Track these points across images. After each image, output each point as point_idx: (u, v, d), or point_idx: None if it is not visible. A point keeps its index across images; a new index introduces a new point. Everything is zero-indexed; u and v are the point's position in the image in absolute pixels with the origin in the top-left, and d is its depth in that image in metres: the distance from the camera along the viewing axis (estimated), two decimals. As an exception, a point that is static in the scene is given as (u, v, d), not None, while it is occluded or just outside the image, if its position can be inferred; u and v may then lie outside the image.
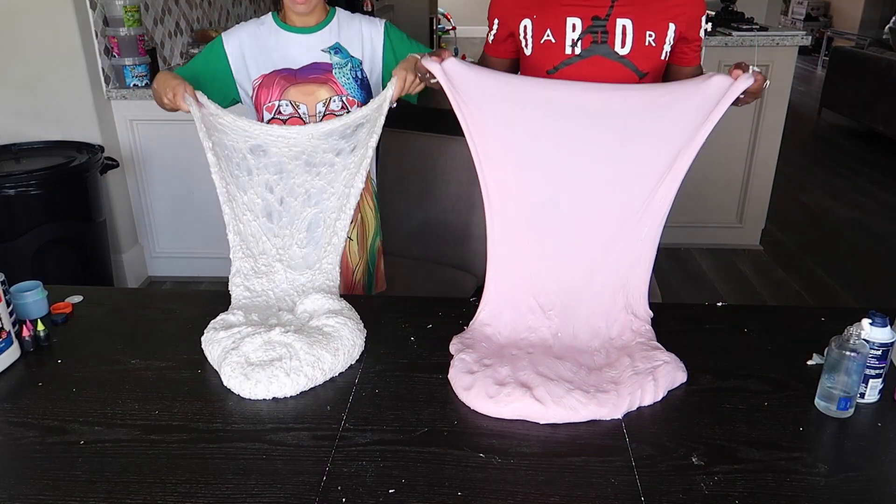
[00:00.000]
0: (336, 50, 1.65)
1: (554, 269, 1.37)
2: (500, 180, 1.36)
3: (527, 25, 1.47)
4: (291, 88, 1.64)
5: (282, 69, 1.65)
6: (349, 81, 1.66)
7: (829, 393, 1.16)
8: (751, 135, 3.49)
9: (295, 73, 1.65)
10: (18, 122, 2.91)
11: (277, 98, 1.65)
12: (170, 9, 3.52)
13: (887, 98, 5.56)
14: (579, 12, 1.44)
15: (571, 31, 1.44)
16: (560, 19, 1.44)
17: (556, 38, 1.45)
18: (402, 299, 1.62)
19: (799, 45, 3.37)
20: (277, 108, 1.66)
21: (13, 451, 1.09)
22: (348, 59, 1.66)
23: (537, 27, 1.46)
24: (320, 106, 1.66)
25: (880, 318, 1.16)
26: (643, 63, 1.45)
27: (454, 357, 1.28)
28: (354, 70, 1.67)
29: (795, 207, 4.33)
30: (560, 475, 1.03)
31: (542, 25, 1.46)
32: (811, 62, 9.51)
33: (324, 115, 1.67)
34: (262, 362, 1.23)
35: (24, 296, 1.42)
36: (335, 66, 1.65)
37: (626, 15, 1.42)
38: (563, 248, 1.36)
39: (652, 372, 1.21)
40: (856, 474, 1.04)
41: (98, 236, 2.83)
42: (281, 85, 1.64)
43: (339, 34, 1.66)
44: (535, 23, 1.46)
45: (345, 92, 1.66)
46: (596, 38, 1.43)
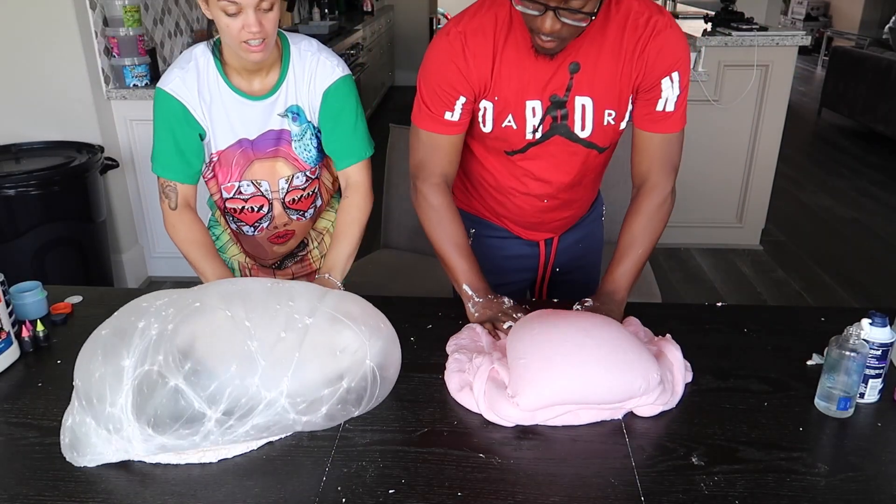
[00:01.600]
0: (294, 115, 1.48)
1: None
2: None
3: (487, 107, 1.36)
4: (251, 167, 1.51)
5: (239, 142, 1.48)
6: (309, 152, 1.53)
7: (828, 393, 1.16)
8: (751, 135, 3.49)
9: (252, 147, 1.49)
10: (18, 122, 2.91)
11: (237, 179, 1.52)
12: (170, 9, 3.52)
13: (887, 98, 5.56)
14: (538, 93, 1.32)
15: (532, 117, 1.34)
16: (520, 105, 1.33)
17: (517, 124, 1.36)
18: (402, 299, 1.62)
19: (799, 45, 3.37)
20: (238, 189, 1.54)
21: (13, 451, 1.09)
22: (307, 126, 1.50)
23: (498, 111, 1.35)
24: (283, 182, 1.54)
25: (880, 318, 1.16)
26: (603, 141, 1.40)
27: (448, 357, 1.28)
28: (312, 136, 1.52)
29: (795, 207, 4.33)
30: (560, 475, 1.03)
31: (504, 111, 1.35)
32: (811, 62, 9.52)
33: (287, 191, 1.56)
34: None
35: (23, 296, 1.42)
36: (294, 138, 1.50)
37: (585, 92, 1.32)
38: None
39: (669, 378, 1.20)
40: (856, 474, 1.04)
41: (98, 236, 2.84)
42: (240, 164, 1.50)
43: (296, 90, 1.47)
44: (497, 105, 1.34)
45: (307, 167, 1.55)
46: (556, 118, 1.35)
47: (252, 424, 1.04)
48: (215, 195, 1.59)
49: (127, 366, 1.03)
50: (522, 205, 1.53)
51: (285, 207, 1.59)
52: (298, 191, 1.58)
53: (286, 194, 1.57)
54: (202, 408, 1.01)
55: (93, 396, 1.04)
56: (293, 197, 1.59)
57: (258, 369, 1.03)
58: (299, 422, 1.08)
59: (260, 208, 1.58)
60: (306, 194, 1.60)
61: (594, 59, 1.30)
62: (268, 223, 1.61)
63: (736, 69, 3.37)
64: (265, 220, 1.61)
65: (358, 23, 5.89)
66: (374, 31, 6.48)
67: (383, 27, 7.17)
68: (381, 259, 2.37)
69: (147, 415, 1.01)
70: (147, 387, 1.01)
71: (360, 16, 6.52)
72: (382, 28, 7.10)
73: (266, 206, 1.58)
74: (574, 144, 1.39)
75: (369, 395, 1.14)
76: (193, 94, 1.44)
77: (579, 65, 1.30)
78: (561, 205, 1.53)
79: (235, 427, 1.03)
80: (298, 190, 1.58)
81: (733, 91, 3.38)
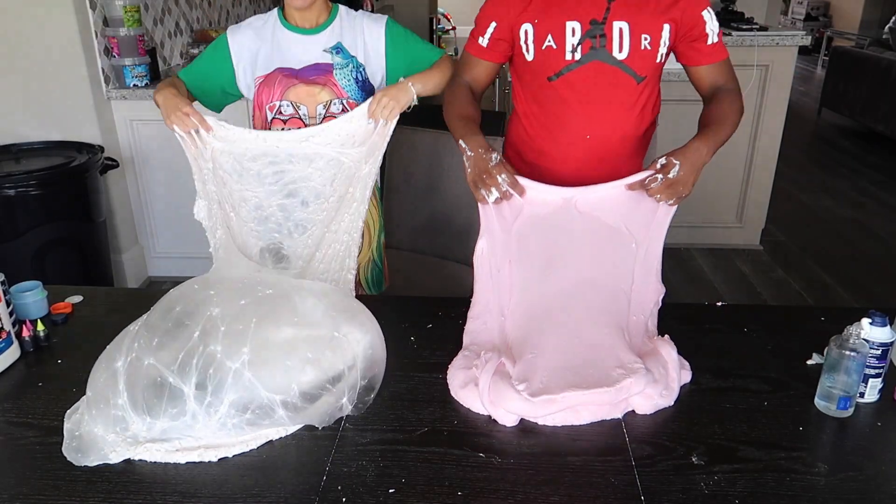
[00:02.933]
0: (337, 50, 1.64)
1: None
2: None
3: (528, 30, 1.47)
4: (292, 89, 1.64)
5: (283, 68, 1.65)
6: (350, 83, 1.66)
7: (828, 392, 1.16)
8: (751, 135, 3.49)
9: (296, 73, 1.64)
10: (18, 122, 2.91)
11: (279, 98, 1.65)
12: (170, 9, 3.52)
13: (887, 98, 5.56)
14: (577, 16, 1.43)
15: (571, 36, 1.44)
16: (560, 24, 1.44)
17: (556, 43, 1.45)
18: (402, 299, 1.62)
19: (799, 45, 3.37)
20: (278, 108, 1.66)
21: (13, 451, 1.09)
22: (349, 60, 1.65)
23: (539, 32, 1.46)
24: (320, 108, 1.66)
25: (880, 318, 1.16)
26: (641, 67, 1.46)
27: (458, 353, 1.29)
28: (355, 71, 1.66)
29: (795, 207, 4.33)
30: (560, 475, 1.03)
31: (544, 30, 1.45)
32: (811, 62, 9.51)
33: (324, 116, 1.66)
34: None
35: (24, 296, 1.42)
36: (336, 67, 1.65)
37: (622, 17, 1.42)
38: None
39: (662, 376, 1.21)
40: (856, 474, 1.04)
41: (98, 236, 2.83)
42: (282, 85, 1.64)
43: (341, 34, 1.66)
44: (537, 28, 1.46)
45: (345, 95, 1.66)
46: (595, 42, 1.43)
47: (229, 402, 1.05)
48: (257, 119, 1.71)
49: (119, 366, 1.09)
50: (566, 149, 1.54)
51: None
52: (333, 118, 1.65)
53: (322, 120, 1.66)
54: (177, 382, 1.05)
55: (99, 402, 1.08)
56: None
57: (219, 335, 1.07)
58: (275, 402, 1.07)
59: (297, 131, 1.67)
60: None
61: None
62: None
63: (736, 69, 3.34)
64: None
65: (358, 23, 5.88)
66: (374, 31, 6.47)
67: (383, 27, 7.16)
68: (381, 259, 2.37)
69: (138, 402, 1.06)
70: (132, 375, 1.07)
71: (360, 16, 6.51)
72: (382, 28, 7.09)
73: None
74: (612, 68, 1.45)
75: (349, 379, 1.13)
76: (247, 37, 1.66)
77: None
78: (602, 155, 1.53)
79: (215, 404, 1.05)
80: (333, 118, 1.65)
81: (733, 91, 3.38)
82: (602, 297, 1.36)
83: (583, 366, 1.22)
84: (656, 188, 1.30)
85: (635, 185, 1.32)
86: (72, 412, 1.15)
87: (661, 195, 1.30)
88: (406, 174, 2.28)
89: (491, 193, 1.31)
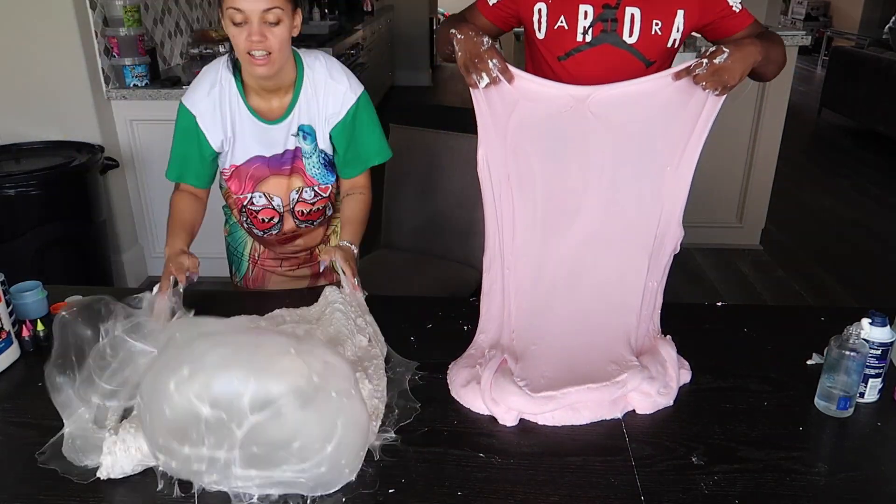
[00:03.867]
0: (305, 134, 1.53)
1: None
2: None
3: (541, 9, 1.49)
4: (264, 182, 1.57)
5: (253, 159, 1.54)
6: (319, 169, 1.58)
7: (828, 392, 1.16)
8: (751, 135, 3.49)
9: (267, 165, 1.55)
10: (18, 122, 2.91)
11: (250, 191, 1.58)
12: (170, 9, 3.52)
13: (887, 98, 5.56)
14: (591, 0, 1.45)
15: (583, 19, 1.46)
16: (573, 6, 1.46)
17: (569, 24, 1.47)
18: (402, 299, 1.62)
19: (799, 45, 3.37)
20: (250, 200, 1.59)
21: (13, 451, 1.09)
22: (315, 145, 1.56)
23: (552, 12, 1.48)
24: (293, 194, 1.59)
25: (880, 318, 1.16)
26: (650, 52, 1.47)
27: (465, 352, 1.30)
28: (322, 155, 1.58)
29: (795, 207, 4.33)
30: (560, 475, 1.03)
31: (557, 11, 1.47)
32: (811, 62, 9.51)
33: (297, 201, 1.60)
34: None
35: (23, 296, 1.42)
36: (304, 156, 1.56)
37: (635, 3, 1.44)
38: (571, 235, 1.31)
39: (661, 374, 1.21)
40: (855, 474, 1.04)
41: (98, 236, 2.83)
42: (254, 178, 1.56)
43: (308, 110, 1.52)
44: (550, 7, 1.48)
45: (315, 182, 1.59)
46: (606, 26, 1.45)
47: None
48: (229, 199, 1.65)
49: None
50: None
51: (295, 218, 1.63)
52: (307, 204, 1.61)
53: (295, 205, 1.61)
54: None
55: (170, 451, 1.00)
56: (302, 209, 1.62)
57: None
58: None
59: (270, 219, 1.62)
60: (315, 209, 1.64)
61: None
62: (277, 231, 1.65)
63: (736, 69, 3.37)
64: (274, 229, 1.65)
65: (358, 23, 5.89)
66: (374, 31, 6.48)
67: (383, 27, 7.17)
68: (381, 259, 2.37)
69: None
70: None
71: (360, 16, 6.51)
72: (382, 28, 7.10)
73: (276, 218, 1.62)
74: (621, 52, 1.47)
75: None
76: (215, 114, 1.51)
77: None
78: None
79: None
80: (307, 203, 1.61)
81: (733, 91, 3.36)
82: (615, 262, 1.29)
83: (581, 363, 1.22)
84: (702, 74, 1.23)
85: (682, 73, 1.24)
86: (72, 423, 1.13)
87: (707, 82, 1.23)
88: (406, 174, 2.28)
89: (482, 79, 1.26)
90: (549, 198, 1.31)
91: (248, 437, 0.94)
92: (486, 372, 1.20)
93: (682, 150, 1.27)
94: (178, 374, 0.97)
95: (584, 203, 1.31)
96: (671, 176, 1.29)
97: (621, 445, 1.10)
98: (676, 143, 1.27)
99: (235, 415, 0.94)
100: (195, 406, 0.95)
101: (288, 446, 0.95)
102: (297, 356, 0.99)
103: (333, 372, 1.01)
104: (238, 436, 0.94)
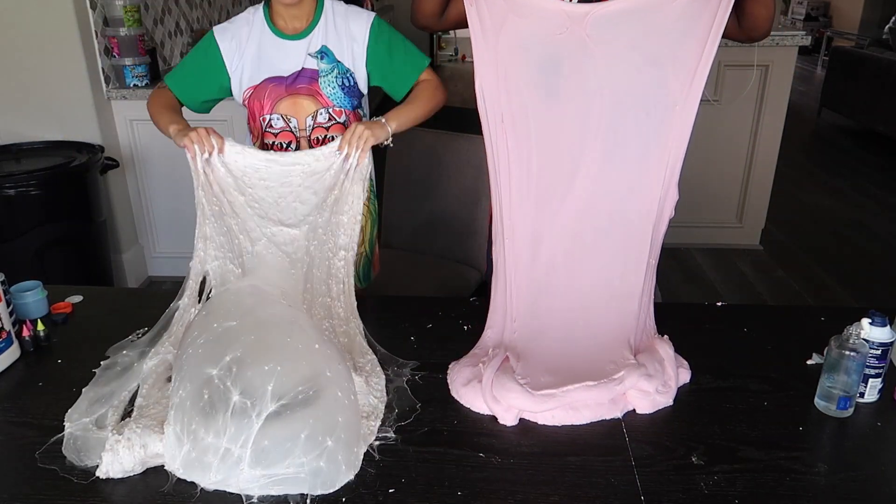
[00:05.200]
0: (322, 54, 1.59)
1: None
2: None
3: None
4: (281, 101, 1.61)
5: (272, 78, 1.60)
6: (335, 91, 1.61)
7: (828, 392, 1.16)
8: (751, 135, 3.49)
9: (284, 84, 1.61)
10: (18, 122, 2.91)
11: (269, 112, 1.62)
12: (170, 9, 3.52)
13: (887, 98, 5.55)
14: None
15: None
16: None
17: None
18: (402, 299, 1.62)
19: (799, 45, 3.37)
20: (269, 122, 1.62)
21: (13, 451, 1.09)
22: (334, 65, 1.60)
23: None
24: (309, 119, 1.62)
25: (880, 318, 1.16)
26: None
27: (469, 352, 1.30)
28: (341, 77, 1.61)
29: (795, 207, 4.32)
30: (560, 475, 1.03)
31: None
32: (811, 62, 9.51)
33: (313, 128, 1.62)
34: None
35: (24, 296, 1.42)
36: (321, 74, 1.60)
37: None
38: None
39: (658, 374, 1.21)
40: (855, 474, 1.04)
41: (98, 236, 2.83)
42: (271, 98, 1.60)
43: (326, 34, 1.60)
44: None
45: (330, 104, 1.62)
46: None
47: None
48: (253, 132, 1.69)
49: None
50: None
51: (311, 147, 1.63)
52: (322, 129, 1.63)
53: (312, 132, 1.64)
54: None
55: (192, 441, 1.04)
56: (318, 136, 1.64)
57: None
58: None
59: (288, 144, 1.64)
60: (330, 136, 1.64)
61: None
62: None
63: (736, 69, 3.37)
64: None
65: (358, 23, 5.87)
66: (374, 31, 6.47)
67: (383, 27, 7.16)
68: (382, 259, 2.36)
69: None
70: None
71: (360, 16, 6.50)
72: (382, 28, 7.09)
73: (294, 144, 1.64)
74: None
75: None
76: (236, 38, 1.60)
77: None
78: None
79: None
80: (322, 128, 1.63)
81: (733, 91, 3.38)
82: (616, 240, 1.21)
83: (580, 363, 1.23)
84: None
85: None
86: (72, 412, 1.15)
87: None
88: (406, 174, 2.28)
89: None
90: (544, 151, 1.16)
91: (262, 430, 1.00)
92: (489, 370, 1.20)
93: (692, 79, 1.07)
94: (221, 362, 1.07)
95: (581, 159, 1.15)
96: (678, 115, 1.08)
97: (621, 445, 1.10)
98: (687, 72, 1.06)
99: (258, 403, 1.02)
100: (230, 393, 1.03)
101: (296, 437, 1.00)
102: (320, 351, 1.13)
103: (340, 372, 1.13)
104: (255, 428, 1.00)
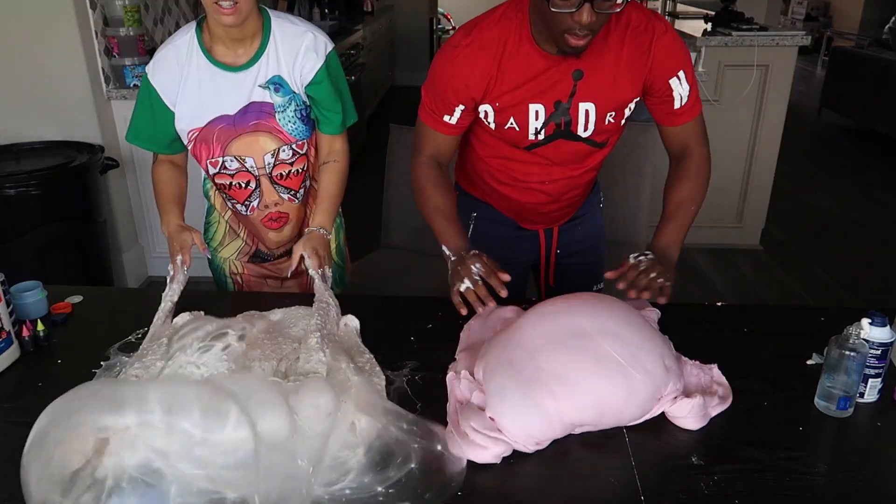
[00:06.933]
0: (277, 86, 1.46)
1: None
2: None
3: (488, 111, 1.40)
4: (233, 143, 1.50)
5: (217, 118, 1.48)
6: (296, 125, 1.51)
7: (828, 392, 1.16)
8: (751, 135, 3.49)
9: (234, 123, 1.48)
10: (18, 122, 2.91)
11: (220, 154, 1.52)
12: (170, 9, 3.52)
13: (887, 98, 5.56)
14: (541, 98, 1.36)
15: (534, 119, 1.38)
16: (523, 109, 1.37)
17: (519, 126, 1.39)
18: (402, 299, 1.62)
19: (799, 45, 3.37)
20: (222, 164, 1.53)
21: (13, 451, 1.09)
22: (290, 97, 1.49)
23: (499, 114, 1.39)
24: (268, 157, 1.53)
25: (880, 318, 1.16)
26: (601, 137, 1.44)
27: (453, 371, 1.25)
28: (298, 109, 1.50)
29: (795, 207, 4.33)
30: (560, 475, 1.03)
31: (505, 114, 1.38)
32: (811, 62, 9.51)
33: (274, 165, 1.54)
34: None
35: (24, 296, 1.42)
36: (277, 109, 1.48)
37: (588, 98, 1.36)
38: None
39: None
40: (856, 474, 1.04)
41: (98, 236, 2.84)
42: (221, 140, 1.50)
43: (277, 60, 1.47)
44: (498, 111, 1.39)
45: (292, 139, 1.53)
46: (559, 125, 1.39)
47: None
48: (204, 171, 1.62)
49: None
50: (522, 199, 1.56)
51: (273, 184, 1.59)
52: (285, 165, 1.57)
53: (273, 169, 1.56)
54: None
55: None
56: (280, 172, 1.57)
57: None
58: None
59: (247, 184, 1.57)
60: (295, 170, 1.59)
61: (596, 66, 1.34)
62: (258, 201, 1.60)
63: (736, 69, 3.37)
64: (254, 198, 1.60)
65: (358, 23, 5.88)
66: (374, 31, 6.48)
67: (383, 27, 7.17)
68: (381, 259, 2.37)
69: None
70: None
71: (360, 16, 6.51)
72: (382, 28, 7.10)
73: (253, 182, 1.57)
74: (576, 143, 1.44)
75: None
76: (168, 74, 1.48)
77: (582, 72, 1.34)
78: (560, 198, 1.56)
79: None
80: (285, 164, 1.57)
81: (733, 91, 3.38)
82: None
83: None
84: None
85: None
86: None
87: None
88: (406, 174, 2.27)
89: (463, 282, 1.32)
90: None
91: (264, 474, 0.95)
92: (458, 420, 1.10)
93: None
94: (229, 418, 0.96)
95: None
96: None
97: (621, 445, 1.10)
98: None
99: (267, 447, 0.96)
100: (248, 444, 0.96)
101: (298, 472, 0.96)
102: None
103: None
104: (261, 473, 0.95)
